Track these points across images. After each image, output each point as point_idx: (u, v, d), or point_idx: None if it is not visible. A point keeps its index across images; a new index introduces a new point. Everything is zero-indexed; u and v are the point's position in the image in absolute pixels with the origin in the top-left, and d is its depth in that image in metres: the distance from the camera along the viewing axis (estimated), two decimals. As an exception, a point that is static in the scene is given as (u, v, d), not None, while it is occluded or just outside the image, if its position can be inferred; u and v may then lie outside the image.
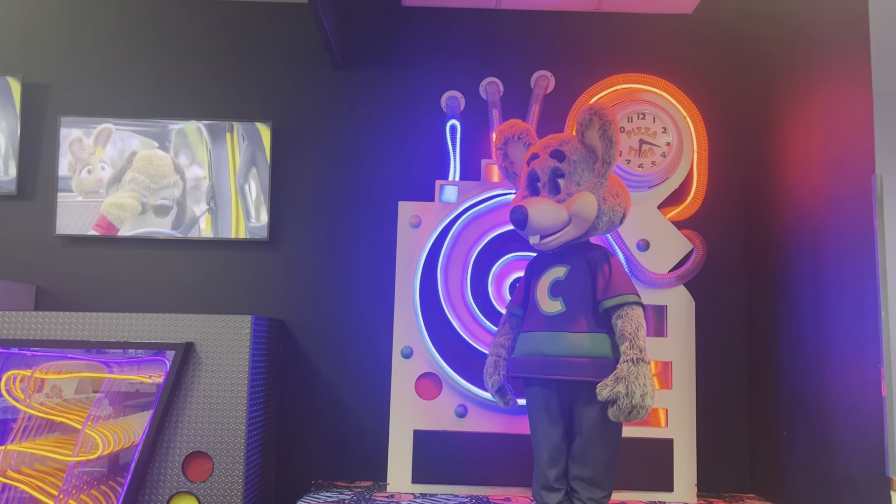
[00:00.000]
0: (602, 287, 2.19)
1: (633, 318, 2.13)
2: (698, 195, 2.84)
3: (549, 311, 2.23)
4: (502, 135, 2.42)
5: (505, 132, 2.41)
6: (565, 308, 2.20)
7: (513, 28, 3.13)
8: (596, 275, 2.21)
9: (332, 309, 3.02)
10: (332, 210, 3.08)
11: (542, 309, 2.25)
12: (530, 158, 2.31)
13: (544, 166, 2.26)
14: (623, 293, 2.16)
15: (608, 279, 2.18)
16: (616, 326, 2.16)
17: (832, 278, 2.36)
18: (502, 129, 2.43)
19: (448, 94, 3.03)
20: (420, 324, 2.74)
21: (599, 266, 2.22)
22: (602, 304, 2.18)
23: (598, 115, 2.16)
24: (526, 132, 2.39)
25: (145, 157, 3.06)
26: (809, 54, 2.55)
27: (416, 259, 2.76)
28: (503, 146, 2.42)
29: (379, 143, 3.09)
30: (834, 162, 2.36)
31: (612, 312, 2.18)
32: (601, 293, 2.18)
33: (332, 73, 3.12)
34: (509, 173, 2.45)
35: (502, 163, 2.44)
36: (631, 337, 2.10)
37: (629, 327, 2.11)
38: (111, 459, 2.62)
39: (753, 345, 2.97)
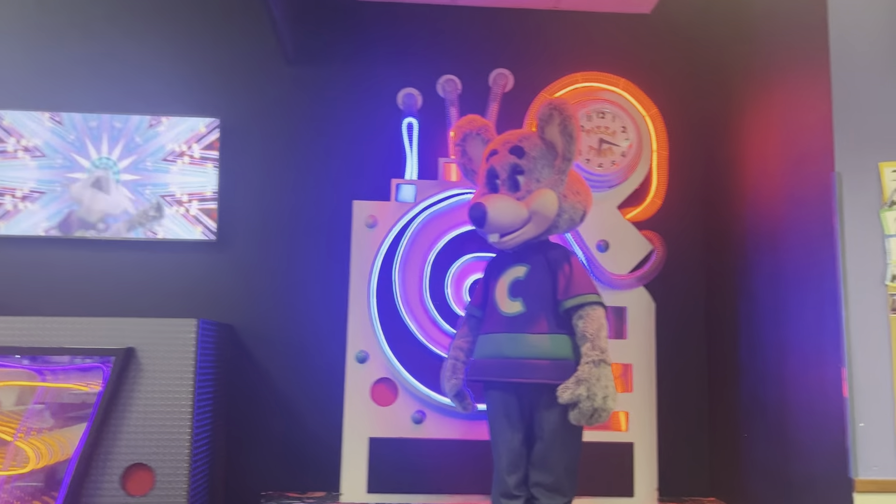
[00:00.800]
0: (562, 287, 2.13)
1: (595, 318, 2.08)
2: (658, 195, 2.81)
3: (508, 312, 2.16)
4: (460, 131, 2.35)
5: (463, 128, 2.34)
6: (525, 309, 2.14)
7: (471, 25, 3.07)
8: (556, 274, 2.15)
9: (284, 312, 2.91)
10: (283, 210, 2.96)
11: (501, 310, 2.18)
12: (489, 155, 2.25)
13: (503, 163, 2.19)
14: (584, 293, 2.11)
15: (569, 278, 2.13)
16: (577, 327, 2.10)
17: (792, 278, 2.34)
18: (460, 124, 2.36)
19: (404, 92, 2.94)
20: (376, 327, 2.65)
21: (560, 265, 2.16)
22: (562, 304, 2.12)
23: (558, 110, 2.11)
24: (485, 128, 2.33)
25: (85, 153, 2.90)
26: (768, 54, 2.55)
27: (371, 260, 2.67)
28: (461, 142, 2.35)
29: (333, 141, 2.99)
30: (793, 161, 2.35)
31: (572, 313, 2.12)
32: (562, 293, 2.13)
33: (284, 68, 3.01)
34: (468, 170, 2.38)
35: (460, 160, 2.37)
36: (592, 338, 2.05)
37: (590, 328, 2.06)
38: (47, 473, 2.45)
39: (713, 346, 2.96)
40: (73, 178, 2.88)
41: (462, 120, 2.37)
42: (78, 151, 2.89)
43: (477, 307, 2.30)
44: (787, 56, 2.41)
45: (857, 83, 2.11)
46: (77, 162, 2.89)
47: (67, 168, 2.88)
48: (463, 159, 2.37)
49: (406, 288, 2.69)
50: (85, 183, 2.87)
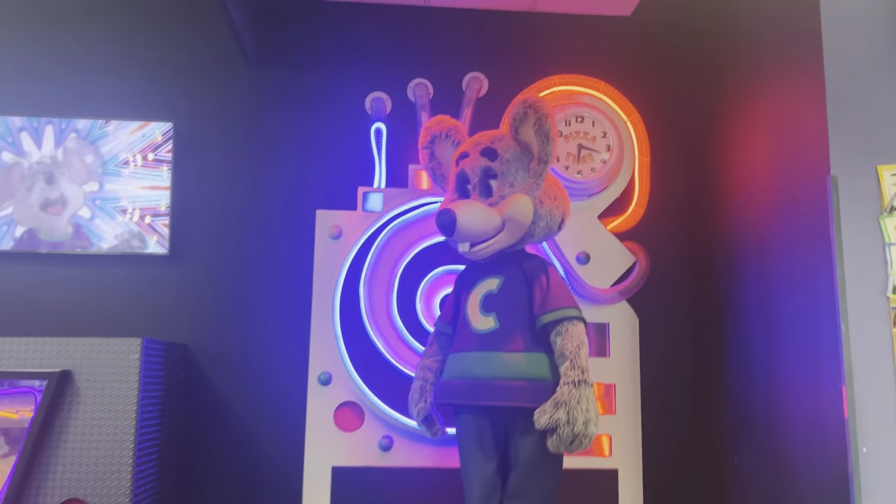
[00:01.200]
0: (539, 300, 1.96)
1: (574, 334, 1.91)
2: (640, 204, 2.66)
3: (480, 329, 1.98)
4: (428, 132, 2.19)
5: (431, 129, 2.18)
6: (499, 325, 1.96)
7: (443, 27, 2.92)
8: (532, 287, 1.99)
9: (242, 331, 2.71)
10: (242, 220, 2.77)
11: (472, 326, 2.01)
12: (459, 158, 2.08)
13: (474, 166, 2.03)
14: (562, 307, 1.95)
15: (546, 292, 1.96)
16: (555, 344, 1.93)
17: (784, 290, 2.19)
18: (429, 126, 2.19)
19: (373, 96, 2.78)
20: (340, 346, 2.45)
21: (536, 277, 1.99)
22: (539, 319, 1.95)
23: (533, 108, 1.95)
24: (455, 129, 2.17)
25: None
26: (756, 56, 2.42)
27: (335, 274, 2.49)
28: (429, 145, 2.19)
29: (296, 147, 2.81)
30: (784, 165, 2.21)
31: (550, 329, 1.95)
32: (538, 307, 1.96)
33: (244, 71, 2.83)
34: (436, 175, 2.21)
35: (429, 163, 2.20)
36: (571, 356, 1.88)
37: (569, 345, 1.89)
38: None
39: (700, 363, 2.79)
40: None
41: (430, 121, 2.21)
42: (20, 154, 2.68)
43: (447, 323, 2.13)
44: (776, 56, 2.28)
45: (852, 81, 1.98)
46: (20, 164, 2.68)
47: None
48: (431, 163, 2.20)
49: (373, 303, 2.51)
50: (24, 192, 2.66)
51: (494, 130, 2.13)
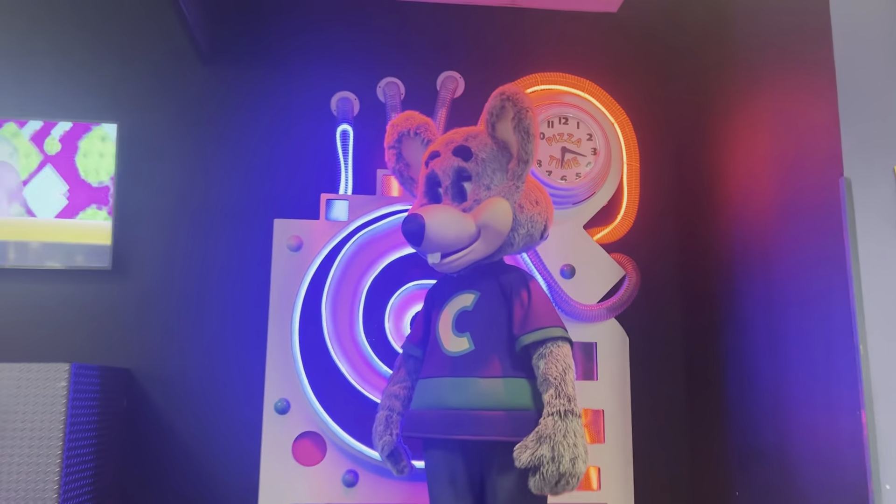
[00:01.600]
0: (519, 319, 1.74)
1: (559, 357, 1.68)
2: (629, 213, 2.45)
3: (453, 351, 1.75)
4: (395, 130, 1.96)
5: (398, 126, 1.96)
6: (473, 346, 1.74)
7: (416, 22, 2.71)
8: (512, 303, 1.76)
9: (192, 353, 2.46)
10: (192, 231, 2.52)
11: (444, 348, 1.77)
12: (429, 158, 1.86)
13: (446, 167, 1.80)
14: (546, 325, 1.72)
15: (527, 308, 1.74)
16: (538, 369, 1.70)
17: (792, 305, 1.98)
18: (395, 122, 1.97)
19: (339, 96, 2.56)
20: (299, 370, 2.21)
21: (516, 292, 1.77)
22: (520, 340, 1.73)
23: (512, 101, 1.73)
24: (424, 126, 1.95)
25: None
26: (755, 50, 2.22)
27: (295, 289, 2.25)
28: (396, 144, 1.97)
29: (253, 151, 2.58)
30: (790, 167, 2.00)
31: (532, 351, 1.73)
32: (518, 326, 1.73)
33: (198, 67, 2.60)
34: (404, 178, 1.99)
35: (395, 165, 1.98)
36: (556, 382, 1.65)
37: (554, 369, 1.66)
38: None
39: (697, 387, 2.57)
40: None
41: (397, 118, 1.99)
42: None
43: (416, 345, 1.89)
44: (779, 51, 2.08)
45: (866, 74, 1.79)
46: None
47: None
48: (398, 165, 1.98)
49: (337, 322, 2.27)
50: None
51: (469, 127, 1.91)
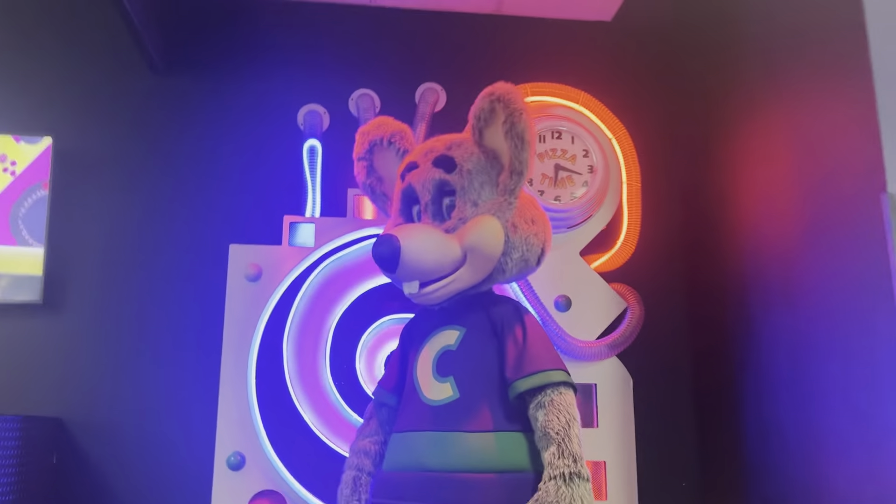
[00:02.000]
0: (513, 360, 1.46)
1: (562, 407, 1.41)
2: (631, 238, 2.21)
3: (434, 400, 1.48)
4: (365, 138, 1.70)
5: (370, 135, 1.70)
6: (458, 393, 1.46)
7: (393, 30, 2.46)
8: (504, 341, 1.49)
9: (134, 400, 2.14)
10: (136, 260, 2.22)
11: (423, 395, 1.50)
12: (406, 170, 1.59)
13: (426, 180, 1.54)
14: (545, 368, 1.44)
15: (522, 348, 1.47)
16: (535, 420, 1.43)
17: (824, 342, 1.72)
18: (365, 130, 1.71)
19: (307, 109, 2.31)
20: (255, 419, 1.92)
21: (509, 328, 1.50)
22: (514, 385, 1.45)
23: (503, 103, 1.47)
24: (399, 134, 1.68)
25: None
26: (769, 54, 2.00)
27: (252, 325, 1.97)
28: (367, 155, 1.70)
29: (208, 168, 2.29)
30: (817, 185, 1.76)
31: (529, 399, 1.45)
32: (512, 369, 1.46)
33: (147, 77, 2.32)
34: (376, 194, 1.72)
35: (366, 179, 1.71)
36: (560, 438, 1.37)
37: (556, 422, 1.38)
38: None
39: (709, 436, 2.29)
40: None
41: (368, 124, 1.73)
42: None
43: (389, 392, 1.61)
44: (798, 53, 1.86)
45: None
46: None
47: None
48: (370, 179, 1.71)
49: (300, 363, 1.99)
50: None
51: (452, 135, 1.65)
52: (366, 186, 1.72)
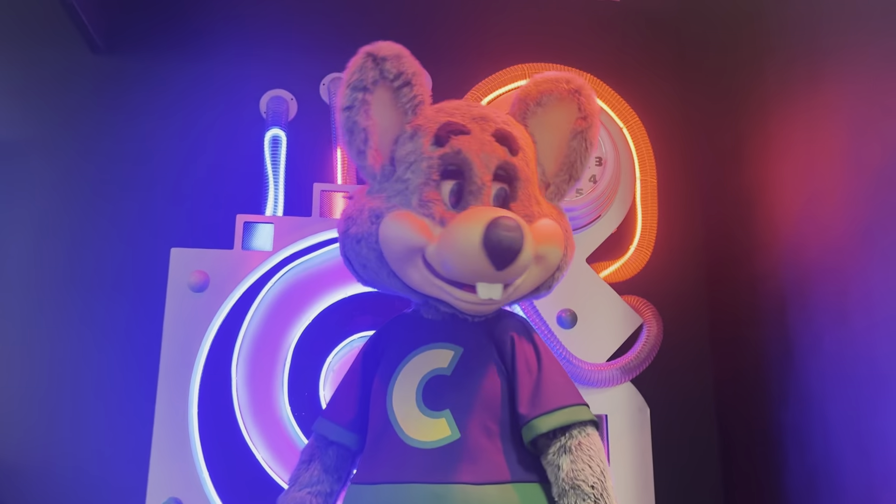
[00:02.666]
0: (529, 392, 1.19)
1: (594, 452, 1.16)
2: (646, 243, 1.95)
3: (424, 441, 1.16)
4: (375, 64, 1.22)
5: (380, 62, 1.22)
6: (458, 433, 1.16)
7: (372, 6, 2.21)
8: (514, 367, 1.22)
9: (54, 438, 1.84)
10: (61, 267, 1.93)
11: (405, 435, 1.18)
12: (447, 131, 1.21)
13: (488, 154, 1.20)
14: (570, 403, 1.19)
15: (538, 376, 1.20)
16: (558, 468, 1.15)
17: (887, 368, 1.40)
18: (375, 53, 1.23)
19: (271, 94, 2.06)
20: (196, 458, 1.63)
21: (520, 350, 1.23)
22: (532, 424, 1.17)
23: (585, 98, 1.29)
24: (417, 75, 1.26)
25: None
26: (809, 38, 1.72)
27: (195, 344, 1.68)
28: (371, 86, 1.22)
29: (152, 160, 2.03)
30: (875, 178, 1.46)
31: (547, 441, 1.17)
32: (528, 404, 1.18)
33: (87, 56, 2.06)
34: (366, 146, 1.24)
35: (366, 121, 1.22)
36: (598, 494, 1.12)
37: (590, 473, 1.13)
38: None
39: (738, 473, 1.99)
40: None
41: (375, 45, 1.26)
42: None
43: (346, 428, 1.26)
44: (844, 35, 1.58)
45: None
46: None
47: None
48: (360, 116, 1.23)
49: (253, 390, 1.70)
50: None
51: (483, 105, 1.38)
52: (358, 132, 1.24)
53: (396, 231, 1.17)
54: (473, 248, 1.08)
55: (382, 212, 1.20)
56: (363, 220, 1.22)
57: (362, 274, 1.28)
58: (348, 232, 1.25)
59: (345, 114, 1.22)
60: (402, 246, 1.17)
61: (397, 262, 1.20)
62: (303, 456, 1.29)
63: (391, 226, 1.18)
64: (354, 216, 1.24)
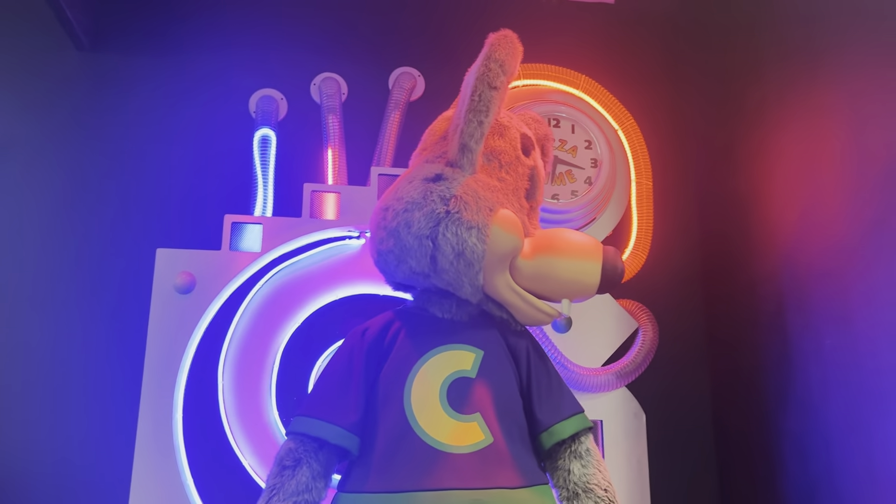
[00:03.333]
0: (546, 398, 1.25)
1: (599, 456, 1.26)
2: (641, 245, 1.94)
3: (454, 446, 1.15)
4: (517, 59, 1.24)
5: (518, 61, 1.24)
6: (491, 437, 1.17)
7: (364, 7, 2.18)
8: (528, 375, 1.26)
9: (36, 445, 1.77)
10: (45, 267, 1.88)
11: (430, 438, 1.15)
12: (530, 143, 1.36)
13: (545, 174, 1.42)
14: (578, 411, 1.27)
15: (551, 387, 1.27)
16: (568, 472, 1.22)
17: (890, 370, 1.38)
18: (519, 48, 1.25)
19: (261, 94, 2.03)
20: (181, 466, 1.58)
21: (534, 358, 1.28)
22: (552, 430, 1.23)
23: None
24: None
25: None
26: (806, 39, 1.71)
27: (181, 348, 1.65)
28: (506, 81, 1.21)
29: (138, 160, 1.98)
30: (874, 179, 1.44)
31: (560, 447, 1.24)
32: (547, 410, 1.24)
33: (71, 54, 2.02)
34: (484, 133, 1.21)
35: (484, 112, 1.18)
36: (610, 497, 1.21)
37: (601, 478, 1.22)
38: None
39: (736, 480, 1.96)
40: None
41: (513, 34, 1.26)
42: None
43: (348, 430, 1.19)
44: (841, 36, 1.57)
45: None
46: None
47: None
48: (500, 101, 1.21)
49: (241, 395, 1.66)
50: None
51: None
52: (491, 115, 1.20)
53: (511, 232, 1.19)
54: (594, 276, 1.23)
55: (493, 205, 1.19)
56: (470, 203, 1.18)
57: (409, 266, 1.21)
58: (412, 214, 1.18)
59: (492, 92, 1.18)
60: (510, 248, 1.20)
61: (493, 264, 1.19)
62: (284, 460, 1.18)
63: (507, 226, 1.19)
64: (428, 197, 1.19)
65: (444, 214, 1.17)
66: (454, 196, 1.18)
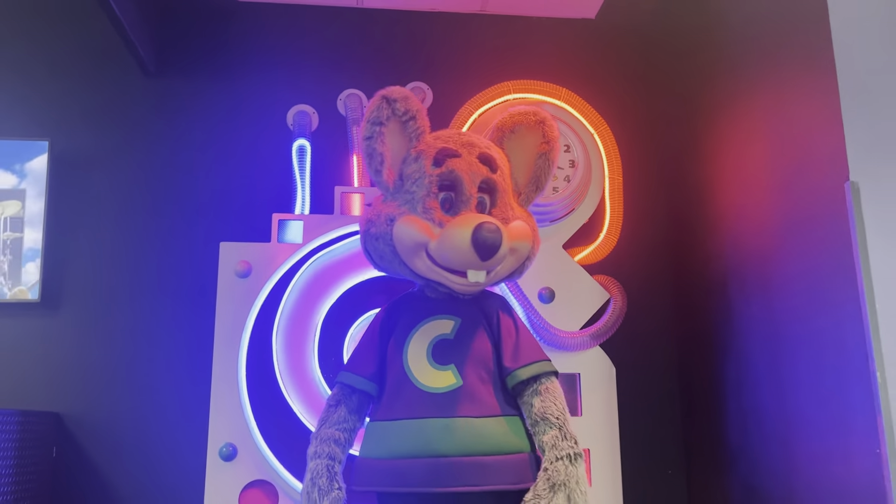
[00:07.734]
0: (510, 351, 1.58)
1: (557, 394, 1.56)
2: (613, 231, 2.25)
3: (435, 387, 1.53)
4: (388, 106, 1.57)
5: (394, 104, 1.57)
6: (461, 381, 1.53)
7: (379, 31, 2.51)
8: (499, 333, 1.60)
9: (129, 395, 2.20)
10: (130, 260, 2.28)
11: (419, 383, 1.55)
12: (443, 155, 1.57)
13: (474, 172, 1.57)
14: (539, 359, 1.59)
15: (517, 340, 1.60)
16: (530, 406, 1.55)
17: (797, 326, 1.77)
18: (389, 96, 1.58)
19: (296, 109, 2.36)
20: (246, 411, 1.96)
21: (503, 320, 1.62)
22: (515, 373, 1.56)
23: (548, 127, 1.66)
24: (420, 113, 1.61)
25: None
26: (745, 52, 2.05)
27: (242, 321, 2.01)
28: (385, 121, 1.57)
29: (200, 168, 2.36)
30: (789, 176, 1.81)
31: (524, 387, 1.56)
32: (510, 358, 1.57)
33: (139, 79, 2.38)
34: (383, 165, 1.60)
35: (382, 147, 1.58)
36: (560, 422, 1.51)
37: (554, 408, 1.52)
38: None
39: (692, 422, 2.34)
40: None
41: (390, 89, 1.60)
42: None
43: (368, 378, 1.62)
44: (771, 51, 1.90)
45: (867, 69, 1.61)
46: None
47: None
48: (377, 144, 1.58)
49: (290, 357, 2.03)
50: None
51: (469, 133, 1.71)
52: (377, 156, 1.58)
53: (407, 231, 1.54)
54: (465, 244, 1.46)
55: (395, 216, 1.57)
56: (380, 222, 1.59)
57: (379, 263, 1.66)
58: (369, 231, 1.62)
59: (366, 142, 1.59)
60: (411, 242, 1.54)
61: (407, 254, 1.56)
62: (330, 401, 1.63)
63: (403, 227, 1.55)
64: (373, 219, 1.61)
65: (364, 234, 1.63)
66: (367, 219, 1.62)
